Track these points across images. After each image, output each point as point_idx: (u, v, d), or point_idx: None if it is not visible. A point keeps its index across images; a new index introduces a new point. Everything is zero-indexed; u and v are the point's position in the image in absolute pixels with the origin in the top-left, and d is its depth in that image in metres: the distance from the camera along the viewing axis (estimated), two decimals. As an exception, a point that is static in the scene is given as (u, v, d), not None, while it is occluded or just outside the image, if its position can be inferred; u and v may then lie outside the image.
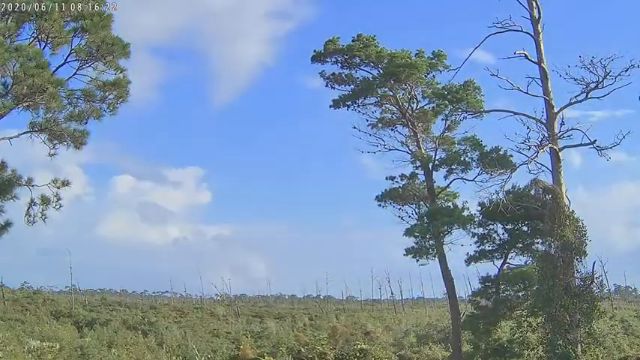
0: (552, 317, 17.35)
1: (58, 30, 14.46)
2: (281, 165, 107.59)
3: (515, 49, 18.83)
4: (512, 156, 22.96)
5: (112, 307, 55.64)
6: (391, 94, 26.08)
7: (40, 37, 14.72)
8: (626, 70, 17.45)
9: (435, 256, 24.38)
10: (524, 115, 18.81)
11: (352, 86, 26.26)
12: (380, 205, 26.69)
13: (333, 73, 26.29)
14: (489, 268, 24.03)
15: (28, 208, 15.59)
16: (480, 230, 24.27)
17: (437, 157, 25.70)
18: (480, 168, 25.13)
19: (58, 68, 15.00)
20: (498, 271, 23.51)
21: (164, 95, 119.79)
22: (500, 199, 20.56)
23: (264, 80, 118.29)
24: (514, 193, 22.54)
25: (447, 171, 25.88)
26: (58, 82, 14.39)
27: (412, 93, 26.15)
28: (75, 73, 15.40)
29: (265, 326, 44.21)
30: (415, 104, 26.37)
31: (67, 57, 15.08)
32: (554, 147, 18.40)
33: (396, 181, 26.47)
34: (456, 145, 26.11)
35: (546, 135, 18.44)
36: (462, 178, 25.65)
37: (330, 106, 26.48)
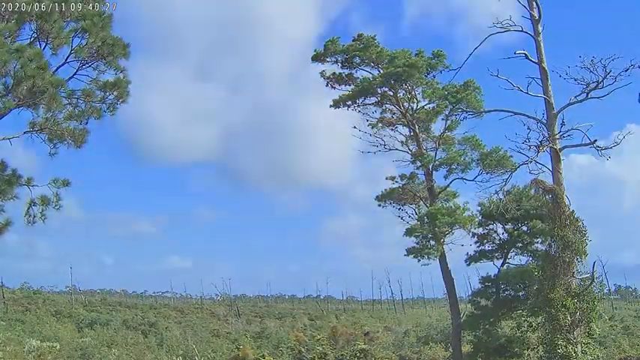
0: (552, 317, 17.34)
1: (58, 30, 14.45)
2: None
3: (516, 49, 18.84)
4: (512, 156, 22.99)
5: (112, 307, 55.71)
6: (391, 94, 26.04)
7: (40, 37, 14.70)
8: (626, 70, 17.43)
9: (435, 256, 24.38)
10: (524, 115, 18.80)
11: (352, 86, 26.25)
12: (380, 206, 26.72)
13: (334, 72, 26.26)
14: (489, 268, 24.09)
15: (28, 208, 15.57)
16: (480, 230, 24.32)
17: (437, 157, 25.68)
18: (480, 168, 25.16)
19: (58, 68, 15.00)
20: (498, 271, 23.54)
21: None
22: (501, 199, 20.59)
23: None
24: (514, 194, 22.59)
25: (447, 171, 25.86)
26: (59, 83, 14.39)
27: (412, 93, 26.12)
28: (75, 74, 15.41)
29: (265, 326, 44.24)
30: (415, 104, 26.34)
31: (68, 57, 15.08)
32: (555, 147, 18.39)
33: (396, 181, 26.49)
34: (456, 146, 26.10)
35: (546, 135, 18.42)
36: (462, 178, 25.64)
37: (330, 106, 26.46)
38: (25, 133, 15.14)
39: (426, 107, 26.39)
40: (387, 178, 26.54)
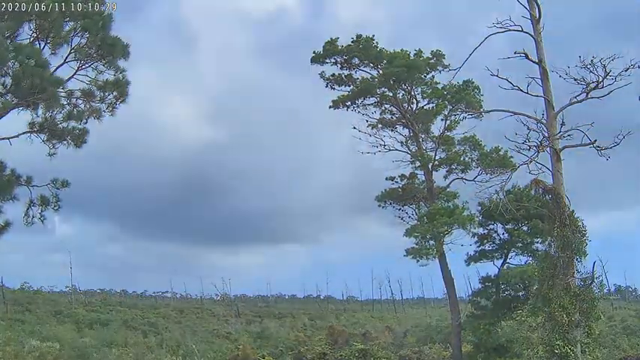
0: (552, 317, 17.31)
1: (57, 29, 14.42)
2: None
3: (516, 49, 18.79)
4: (512, 156, 22.97)
5: (112, 308, 55.63)
6: (391, 94, 26.06)
7: (39, 36, 14.67)
8: (626, 70, 17.39)
9: (435, 257, 24.38)
10: (524, 115, 18.76)
11: (352, 87, 26.24)
12: (380, 206, 26.72)
13: (333, 74, 26.29)
14: (489, 268, 24.11)
15: (27, 208, 15.52)
16: (480, 230, 24.37)
17: (437, 157, 25.71)
18: (479, 168, 25.17)
19: (57, 68, 14.96)
20: (498, 271, 23.55)
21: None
22: (500, 199, 20.53)
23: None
24: (514, 194, 22.58)
25: (446, 171, 25.93)
26: (58, 82, 14.36)
27: (412, 93, 26.14)
28: (75, 73, 15.37)
29: (265, 326, 44.20)
30: (415, 104, 26.37)
31: (67, 57, 15.05)
32: (555, 147, 18.36)
33: (396, 182, 26.51)
34: (456, 146, 26.11)
35: (546, 135, 18.39)
36: (461, 178, 25.72)
37: (330, 107, 26.49)
38: (24, 133, 15.10)
39: (425, 107, 26.41)
40: (387, 179, 26.59)
